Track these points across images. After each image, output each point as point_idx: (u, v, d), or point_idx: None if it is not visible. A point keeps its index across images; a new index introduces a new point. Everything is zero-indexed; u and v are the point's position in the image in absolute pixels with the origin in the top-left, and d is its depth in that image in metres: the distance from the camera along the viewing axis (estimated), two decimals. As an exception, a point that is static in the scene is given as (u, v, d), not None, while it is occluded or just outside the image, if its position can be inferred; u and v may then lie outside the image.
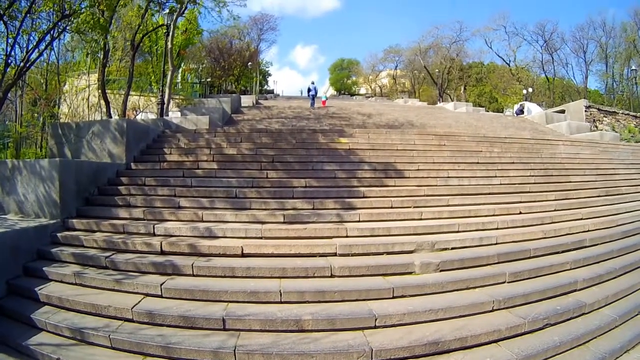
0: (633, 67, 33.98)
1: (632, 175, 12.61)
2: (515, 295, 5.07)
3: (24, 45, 11.72)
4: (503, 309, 4.88)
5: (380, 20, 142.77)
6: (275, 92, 59.03)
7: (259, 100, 32.09)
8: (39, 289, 5.31)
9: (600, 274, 5.99)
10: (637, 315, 5.37)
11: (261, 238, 6.24)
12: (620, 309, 5.32)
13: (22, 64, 10.68)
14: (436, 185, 8.88)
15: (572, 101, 30.40)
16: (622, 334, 4.90)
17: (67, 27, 11.72)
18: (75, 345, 4.44)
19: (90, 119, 17.08)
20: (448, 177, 9.39)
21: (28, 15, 10.52)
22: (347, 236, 6.38)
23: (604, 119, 24.18)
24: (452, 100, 41.80)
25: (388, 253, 5.90)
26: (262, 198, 7.77)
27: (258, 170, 9.12)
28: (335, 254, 5.79)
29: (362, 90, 74.12)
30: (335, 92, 74.47)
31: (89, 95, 18.15)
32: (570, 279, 5.65)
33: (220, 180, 8.50)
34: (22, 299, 5.42)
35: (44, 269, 5.75)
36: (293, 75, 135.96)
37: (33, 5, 10.21)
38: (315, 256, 5.76)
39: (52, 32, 11.08)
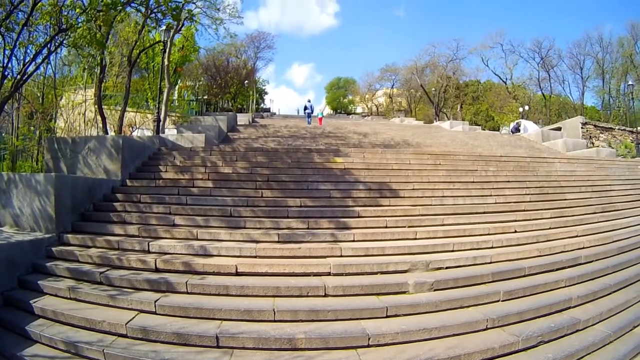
0: (630, 82, 34.31)
1: (628, 191, 12.66)
2: (509, 313, 5.11)
3: (21, 58, 11.80)
4: (497, 327, 4.91)
5: (378, 38, 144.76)
6: (271, 111, 59.39)
7: (255, 119, 32.33)
8: (34, 302, 5.34)
9: (595, 291, 6.03)
10: (631, 330, 5.42)
11: (255, 257, 6.23)
12: (615, 324, 5.37)
13: (19, 76, 10.67)
14: (431, 205, 8.93)
15: (569, 118, 30.69)
16: (615, 349, 4.95)
17: (64, 41, 11.72)
18: (69, 359, 4.45)
19: (86, 134, 17.13)
20: (443, 196, 9.43)
21: (25, 27, 10.53)
22: (341, 256, 6.37)
23: (601, 135, 24.45)
24: (449, 119, 42.02)
25: (382, 273, 5.92)
26: (256, 217, 7.78)
27: (253, 189, 9.15)
28: (329, 274, 5.80)
29: (359, 109, 74.50)
30: (332, 111, 74.75)
31: (85, 110, 18.19)
32: (564, 297, 5.70)
33: (216, 199, 8.53)
34: (17, 310, 5.45)
35: (38, 282, 5.78)
36: (290, 93, 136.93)
37: (30, 18, 10.21)
38: (309, 275, 5.77)
39: (49, 46, 11.12)
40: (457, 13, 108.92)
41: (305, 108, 28.89)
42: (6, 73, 10.47)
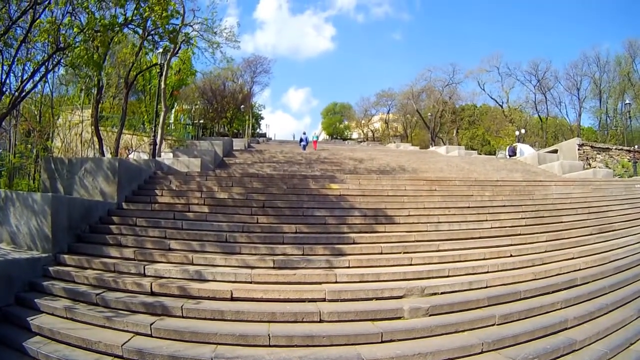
0: (627, 101, 34.61)
1: (626, 210, 12.67)
2: (505, 336, 5.16)
3: (19, 75, 11.85)
4: (492, 350, 4.94)
5: (374, 62, 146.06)
6: (267, 136, 59.69)
7: (251, 144, 32.57)
8: (31, 319, 5.40)
9: (592, 311, 6.10)
10: (628, 347, 5.45)
11: (251, 282, 6.27)
12: (612, 343, 5.42)
13: (16, 93, 10.70)
14: (426, 231, 8.99)
15: (565, 140, 30.94)
16: (612, 366, 4.98)
17: (62, 60, 11.85)
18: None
19: (83, 155, 17.11)
20: (438, 222, 9.49)
21: (23, 44, 10.61)
22: (336, 282, 6.41)
23: (598, 156, 24.64)
24: (445, 144, 42.15)
25: (377, 298, 5.96)
26: (252, 243, 7.82)
27: (249, 215, 9.20)
28: (324, 300, 5.84)
29: (355, 135, 74.69)
30: (328, 137, 75.00)
31: (82, 130, 18.21)
32: (560, 318, 5.75)
33: (211, 224, 8.56)
34: (14, 327, 5.50)
35: (35, 300, 5.85)
36: (286, 118, 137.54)
37: (29, 35, 10.28)
38: (304, 301, 5.79)
39: (46, 64, 11.19)
40: (454, 36, 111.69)
41: (301, 140, 29.65)
42: (4, 89, 10.50)
